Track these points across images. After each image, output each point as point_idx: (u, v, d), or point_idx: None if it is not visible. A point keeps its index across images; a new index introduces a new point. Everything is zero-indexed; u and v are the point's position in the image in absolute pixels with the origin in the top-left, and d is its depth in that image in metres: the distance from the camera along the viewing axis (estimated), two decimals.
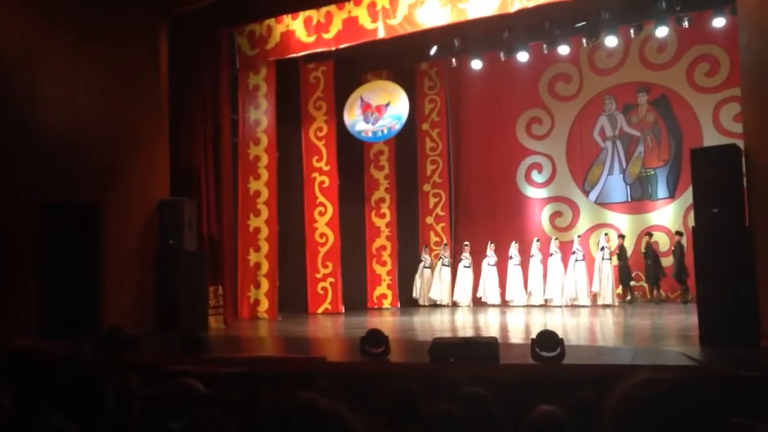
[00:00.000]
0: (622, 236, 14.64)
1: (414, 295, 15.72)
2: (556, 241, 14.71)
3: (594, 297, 13.98)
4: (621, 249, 14.44)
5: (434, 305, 15.37)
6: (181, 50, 11.16)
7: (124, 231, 10.14)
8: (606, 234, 14.42)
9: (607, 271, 13.87)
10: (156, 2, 10.74)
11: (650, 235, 14.47)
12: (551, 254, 14.42)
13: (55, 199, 9.15)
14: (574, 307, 13.77)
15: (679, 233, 14.17)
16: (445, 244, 15.81)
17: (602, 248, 14.10)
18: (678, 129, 14.77)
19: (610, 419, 1.21)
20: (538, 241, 14.87)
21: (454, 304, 15.24)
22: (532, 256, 14.62)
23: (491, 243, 15.17)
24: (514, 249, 14.95)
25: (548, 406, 2.95)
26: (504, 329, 10.51)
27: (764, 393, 4.82)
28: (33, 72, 9.31)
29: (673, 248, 14.12)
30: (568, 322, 10.93)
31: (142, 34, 10.67)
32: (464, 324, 11.70)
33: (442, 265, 15.52)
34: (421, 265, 15.76)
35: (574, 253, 14.26)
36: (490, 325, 11.53)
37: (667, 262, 14.20)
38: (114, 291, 9.84)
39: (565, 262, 14.32)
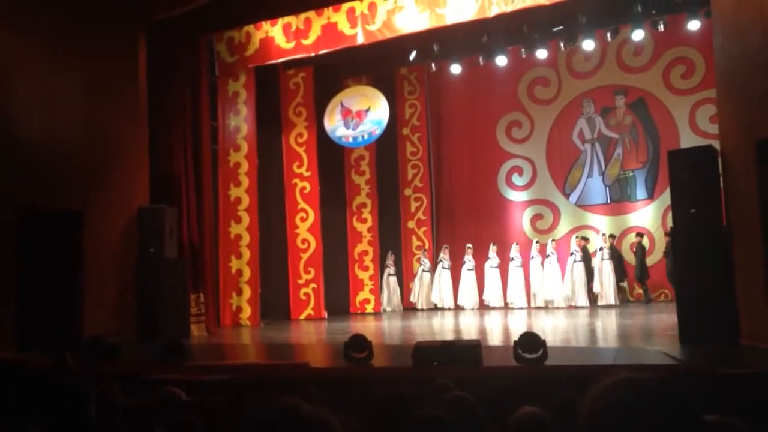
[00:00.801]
0: (584, 238, 14.74)
1: (412, 298, 15.66)
2: (554, 242, 14.70)
3: (595, 297, 13.94)
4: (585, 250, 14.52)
5: (435, 309, 15.26)
6: (160, 57, 11.12)
7: (104, 239, 10.06)
8: (604, 234, 14.42)
9: (607, 271, 13.83)
10: (134, 9, 10.69)
11: (613, 237, 14.57)
12: (548, 255, 14.40)
13: (34, 207, 9.06)
14: (574, 308, 13.73)
15: (639, 234, 14.37)
16: (446, 247, 15.68)
17: (601, 248, 14.07)
18: (655, 131, 14.94)
19: (587, 420, 1.22)
20: (537, 242, 14.84)
21: (458, 308, 15.14)
22: (533, 257, 14.58)
23: (493, 245, 15.15)
24: (515, 251, 14.91)
25: (531, 407, 2.97)
26: (495, 332, 10.55)
27: (744, 390, 4.88)
28: (11, 80, 9.22)
29: (634, 249, 14.31)
30: (558, 323, 10.99)
31: (120, 41, 10.61)
32: (450, 327, 11.71)
33: (443, 268, 15.43)
34: (420, 268, 15.67)
35: (572, 254, 14.26)
36: (476, 327, 11.56)
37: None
38: (94, 300, 9.76)
39: (562, 263, 14.34)
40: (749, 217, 6.79)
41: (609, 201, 15.38)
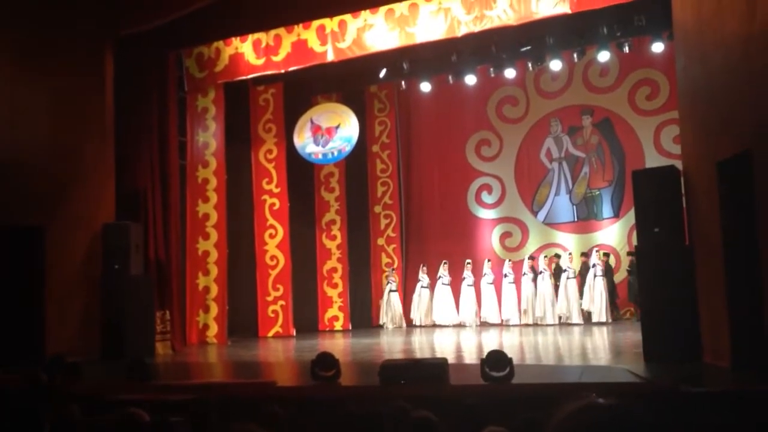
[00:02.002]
0: (559, 255, 14.83)
1: (411, 315, 15.42)
2: (546, 259, 14.65)
3: (588, 315, 13.91)
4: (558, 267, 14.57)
5: (434, 326, 15.03)
6: (127, 72, 11.03)
7: (67, 256, 9.90)
8: (597, 251, 14.36)
9: (599, 288, 13.77)
10: (102, 24, 10.60)
11: (558, 256, 14.71)
12: (540, 272, 14.35)
13: None
14: (566, 325, 13.67)
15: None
16: (445, 263, 15.43)
17: (594, 265, 14.03)
18: (621, 150, 15.16)
19: None
20: (530, 259, 14.79)
21: (460, 324, 14.90)
22: (524, 274, 14.51)
23: (488, 261, 15.16)
24: (507, 267, 14.82)
25: (496, 426, 2.97)
26: (470, 349, 10.56)
27: (705, 408, 4.94)
28: None
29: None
30: (537, 341, 11.05)
31: (87, 56, 10.51)
32: (427, 345, 11.69)
33: (442, 284, 15.23)
34: (419, 285, 15.45)
35: (565, 271, 14.18)
36: (453, 344, 11.56)
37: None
38: (57, 318, 9.59)
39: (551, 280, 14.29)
40: (711, 236, 6.92)
41: (576, 219, 15.54)
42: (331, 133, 13.55)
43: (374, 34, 11.27)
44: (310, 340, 12.87)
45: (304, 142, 13.67)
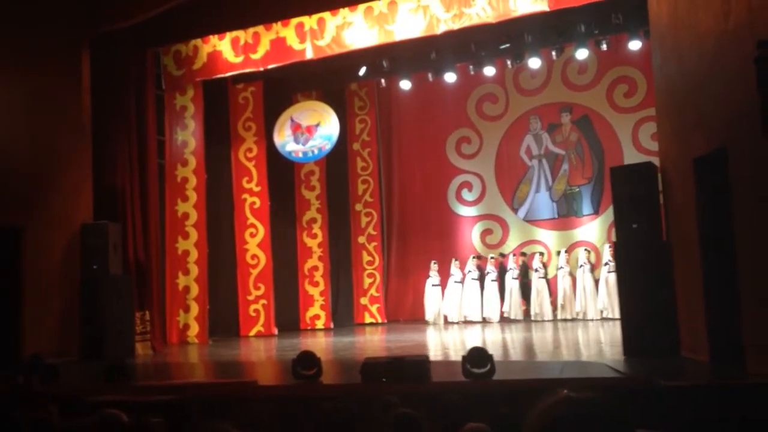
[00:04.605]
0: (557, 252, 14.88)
1: (444, 311, 15.16)
2: (587, 252, 14.54)
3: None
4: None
5: (466, 322, 14.77)
6: (105, 70, 10.93)
7: (45, 256, 9.80)
8: (610, 246, 14.14)
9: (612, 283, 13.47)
10: (79, 22, 10.50)
11: (524, 254, 14.87)
12: (581, 266, 14.25)
13: None
14: (611, 320, 13.37)
15: (523, 254, 14.80)
16: (473, 257, 15.29)
17: (607, 262, 13.85)
18: (600, 147, 15.28)
19: None
20: (565, 252, 14.68)
21: (485, 321, 14.67)
22: (560, 268, 14.45)
23: (514, 256, 15.11)
24: (538, 261, 14.69)
25: (476, 423, 2.99)
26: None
27: (684, 402, 5.00)
28: None
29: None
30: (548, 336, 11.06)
31: (64, 54, 10.40)
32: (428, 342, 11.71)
33: (472, 279, 14.99)
34: (451, 279, 15.16)
35: (606, 264, 13.95)
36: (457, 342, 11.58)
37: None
38: (35, 319, 9.48)
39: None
40: (688, 232, 7.00)
41: (556, 216, 15.64)
42: (312, 131, 13.52)
43: (353, 31, 11.26)
44: (291, 339, 12.84)
45: (285, 141, 13.62)
